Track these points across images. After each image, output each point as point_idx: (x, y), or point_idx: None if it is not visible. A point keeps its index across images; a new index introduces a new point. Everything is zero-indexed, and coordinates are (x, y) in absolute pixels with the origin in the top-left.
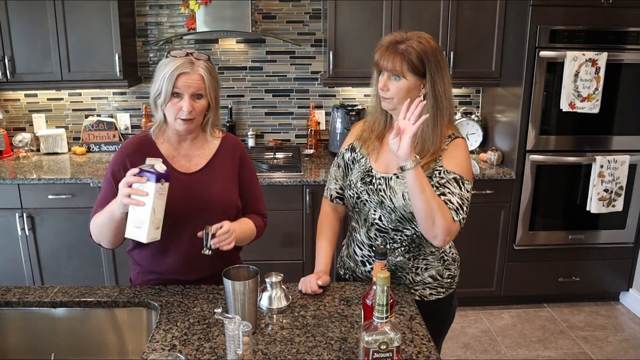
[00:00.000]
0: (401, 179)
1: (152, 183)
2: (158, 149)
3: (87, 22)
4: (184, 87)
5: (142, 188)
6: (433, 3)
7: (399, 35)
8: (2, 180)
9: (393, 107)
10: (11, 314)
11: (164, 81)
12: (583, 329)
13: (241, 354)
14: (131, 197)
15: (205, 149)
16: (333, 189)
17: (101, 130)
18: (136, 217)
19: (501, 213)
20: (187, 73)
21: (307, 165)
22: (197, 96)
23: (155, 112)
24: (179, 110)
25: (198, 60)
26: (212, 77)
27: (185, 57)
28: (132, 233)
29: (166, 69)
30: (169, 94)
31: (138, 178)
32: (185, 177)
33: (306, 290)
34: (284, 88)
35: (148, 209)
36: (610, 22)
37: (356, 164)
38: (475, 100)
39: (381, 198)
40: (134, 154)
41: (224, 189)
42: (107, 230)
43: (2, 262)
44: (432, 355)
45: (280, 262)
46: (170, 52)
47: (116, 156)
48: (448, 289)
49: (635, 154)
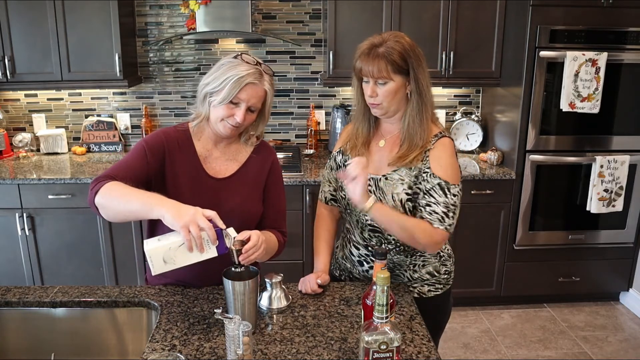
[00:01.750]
0: (390, 179)
1: (215, 252)
2: (194, 145)
3: (87, 22)
4: (246, 98)
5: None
6: (433, 3)
7: (376, 39)
8: (2, 180)
9: (384, 112)
10: (11, 314)
11: (229, 83)
12: (583, 329)
13: (241, 354)
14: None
15: (238, 156)
16: (327, 191)
17: (101, 130)
18: (173, 254)
19: (501, 213)
20: (254, 84)
21: (307, 165)
22: (252, 109)
23: (200, 106)
24: (231, 116)
25: (266, 74)
26: (272, 95)
27: (256, 65)
28: (154, 257)
29: (234, 71)
30: (229, 99)
31: (214, 235)
32: (213, 183)
33: (306, 290)
34: (284, 88)
35: (189, 260)
36: (610, 22)
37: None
38: (475, 100)
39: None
40: (173, 140)
41: (249, 199)
42: (129, 210)
43: (2, 262)
44: (432, 355)
45: (280, 262)
46: (242, 56)
47: (155, 134)
48: (445, 285)
49: (635, 154)
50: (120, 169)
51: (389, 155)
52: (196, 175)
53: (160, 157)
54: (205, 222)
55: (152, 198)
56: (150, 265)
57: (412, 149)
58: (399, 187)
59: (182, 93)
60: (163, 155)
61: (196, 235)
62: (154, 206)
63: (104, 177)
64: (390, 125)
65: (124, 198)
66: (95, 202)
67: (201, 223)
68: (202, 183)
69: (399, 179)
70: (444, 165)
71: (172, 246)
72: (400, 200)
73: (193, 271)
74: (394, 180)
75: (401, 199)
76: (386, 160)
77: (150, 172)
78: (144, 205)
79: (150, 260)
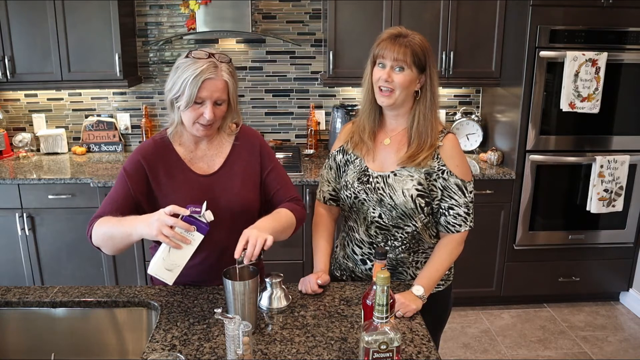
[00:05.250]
0: (399, 176)
1: (199, 235)
2: (175, 151)
3: (87, 22)
4: (208, 94)
5: (187, 236)
6: (433, 3)
7: (400, 30)
8: (2, 180)
9: (392, 101)
10: (11, 314)
11: (186, 86)
12: (583, 329)
13: (241, 354)
14: (169, 241)
15: (222, 149)
16: (326, 191)
17: (101, 130)
18: (170, 260)
19: (501, 213)
20: (211, 79)
21: (307, 165)
22: (218, 102)
23: (171, 113)
24: (200, 116)
25: (221, 63)
26: (235, 81)
27: (208, 59)
28: (159, 272)
29: (188, 72)
30: (191, 100)
31: (185, 225)
32: (205, 180)
33: (306, 290)
34: (284, 88)
35: (186, 255)
36: (610, 22)
37: (350, 165)
38: (475, 100)
39: (380, 196)
40: (151, 155)
41: (243, 188)
42: (116, 243)
43: (2, 262)
44: (432, 355)
45: (280, 262)
46: (192, 53)
47: (132, 156)
48: (447, 281)
49: (635, 154)
50: (107, 205)
51: (396, 155)
52: (184, 178)
53: (142, 179)
54: (170, 218)
55: (125, 224)
56: (164, 281)
57: (421, 147)
58: (409, 182)
59: None
60: (144, 175)
61: (171, 234)
62: (131, 230)
63: (94, 218)
64: (394, 122)
65: (108, 235)
66: (93, 244)
67: (168, 221)
68: (193, 183)
69: (408, 175)
70: (459, 163)
71: (164, 255)
72: (410, 195)
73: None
74: (403, 177)
75: (412, 194)
76: (394, 159)
77: (137, 196)
78: (123, 234)
79: (160, 278)
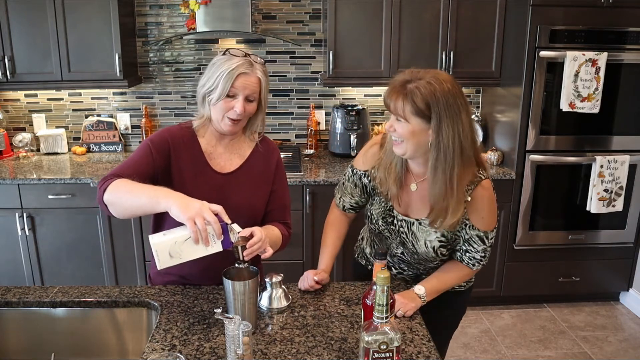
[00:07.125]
0: (423, 225)
1: (220, 246)
2: (199, 142)
3: (87, 22)
4: (241, 88)
5: (211, 240)
6: (433, 3)
7: (413, 74)
8: (2, 180)
9: (403, 151)
10: (11, 314)
11: (221, 79)
12: (583, 329)
13: (241, 354)
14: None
15: (242, 150)
16: (347, 202)
17: (101, 130)
18: (180, 248)
19: (501, 213)
20: (246, 74)
21: (307, 165)
22: (250, 99)
23: (202, 108)
24: (230, 110)
25: (256, 63)
26: (267, 82)
27: (244, 57)
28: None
29: (223, 67)
30: (224, 93)
31: (220, 229)
32: (218, 178)
33: (304, 287)
34: (284, 88)
35: (195, 254)
36: (610, 22)
37: (376, 196)
38: (475, 100)
39: (403, 240)
40: (178, 139)
41: (254, 194)
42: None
43: (2, 262)
44: (432, 355)
45: (280, 262)
46: (229, 51)
47: (160, 133)
48: (468, 282)
49: (635, 154)
50: (126, 167)
51: (421, 202)
52: (201, 171)
53: (165, 154)
54: (212, 215)
55: (159, 191)
56: (157, 260)
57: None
58: (432, 235)
59: (182, 93)
60: (168, 152)
61: (202, 228)
62: (161, 199)
63: (111, 176)
64: (417, 167)
65: (131, 193)
66: (104, 199)
67: (207, 216)
68: (207, 178)
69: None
70: (485, 215)
71: (177, 240)
72: (432, 247)
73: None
74: (427, 227)
75: (434, 246)
76: (419, 206)
77: (157, 169)
78: (152, 198)
79: (156, 255)
